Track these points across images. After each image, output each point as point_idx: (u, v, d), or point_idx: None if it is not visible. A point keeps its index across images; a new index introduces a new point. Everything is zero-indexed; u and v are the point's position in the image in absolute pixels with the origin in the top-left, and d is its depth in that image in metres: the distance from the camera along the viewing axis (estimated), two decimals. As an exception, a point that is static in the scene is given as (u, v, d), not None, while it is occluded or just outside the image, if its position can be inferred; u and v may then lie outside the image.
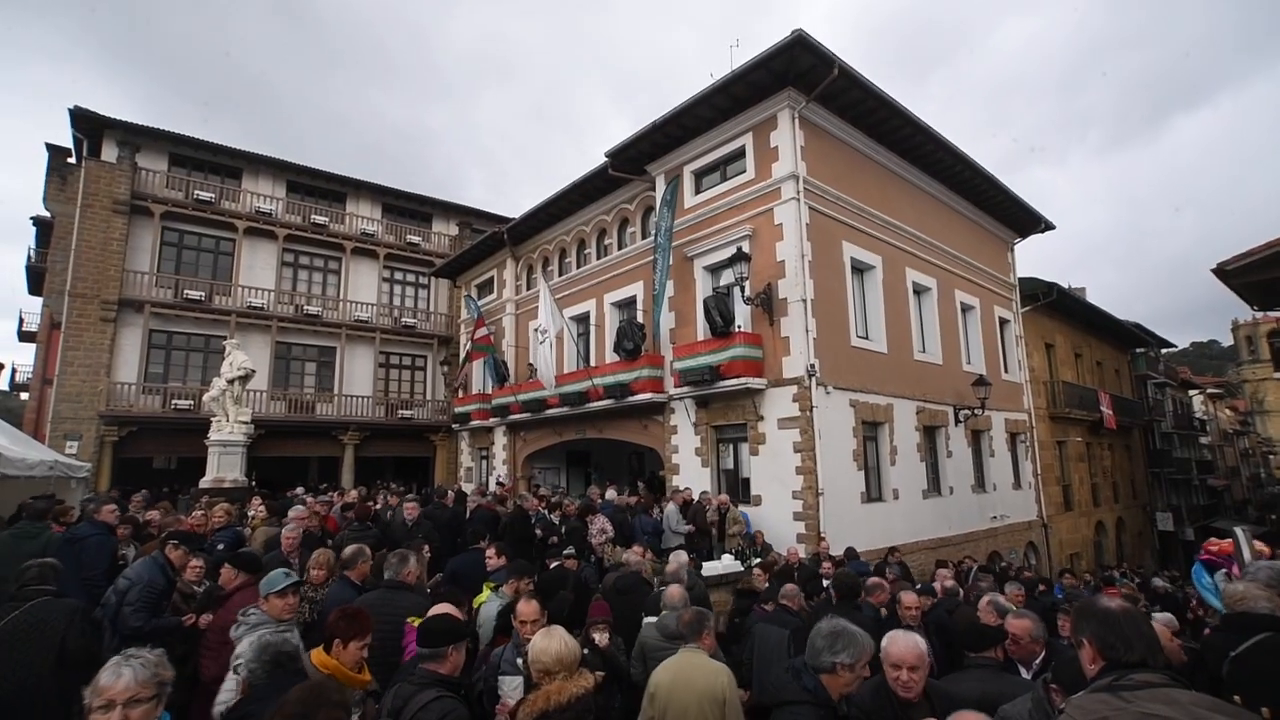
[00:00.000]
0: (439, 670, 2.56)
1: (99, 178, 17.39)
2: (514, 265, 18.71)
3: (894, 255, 12.96)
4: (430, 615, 2.91)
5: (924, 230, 13.89)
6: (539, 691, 2.61)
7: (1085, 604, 1.98)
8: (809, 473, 10.25)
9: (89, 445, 16.22)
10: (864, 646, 2.52)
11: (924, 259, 13.82)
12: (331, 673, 2.57)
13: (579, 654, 2.82)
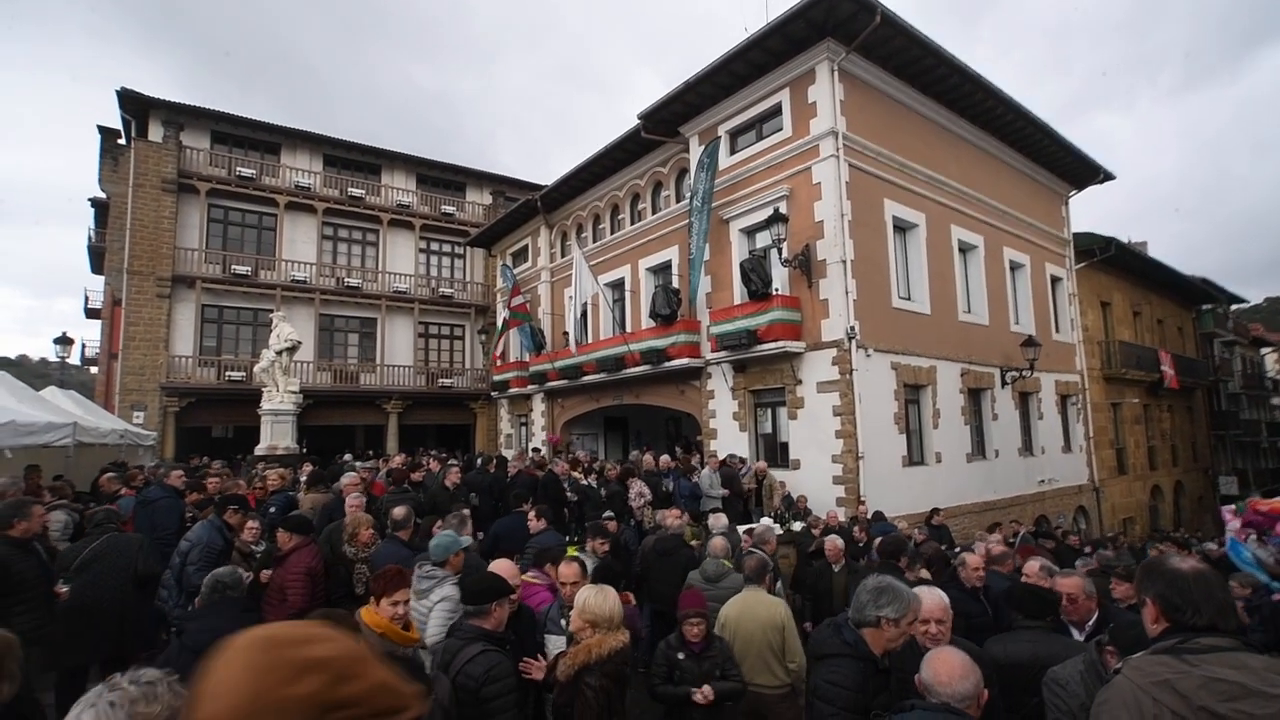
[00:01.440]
0: (483, 625, 2.64)
1: (147, 157, 17.94)
2: (548, 233, 18.69)
3: (938, 213, 12.44)
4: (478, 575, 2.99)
5: (971, 185, 13.26)
6: (580, 645, 2.68)
7: (1152, 563, 1.89)
8: (848, 436, 10.13)
9: (153, 415, 17.11)
10: (909, 602, 2.51)
11: (970, 215, 13.24)
12: (382, 631, 2.66)
13: (622, 612, 2.90)
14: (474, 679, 2.41)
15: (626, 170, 15.49)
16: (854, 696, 2.37)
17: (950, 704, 1.92)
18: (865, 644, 2.49)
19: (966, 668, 1.99)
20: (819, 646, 2.59)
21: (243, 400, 16.47)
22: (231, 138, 20.27)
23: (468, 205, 23.95)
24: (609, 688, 2.69)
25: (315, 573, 4.43)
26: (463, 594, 2.72)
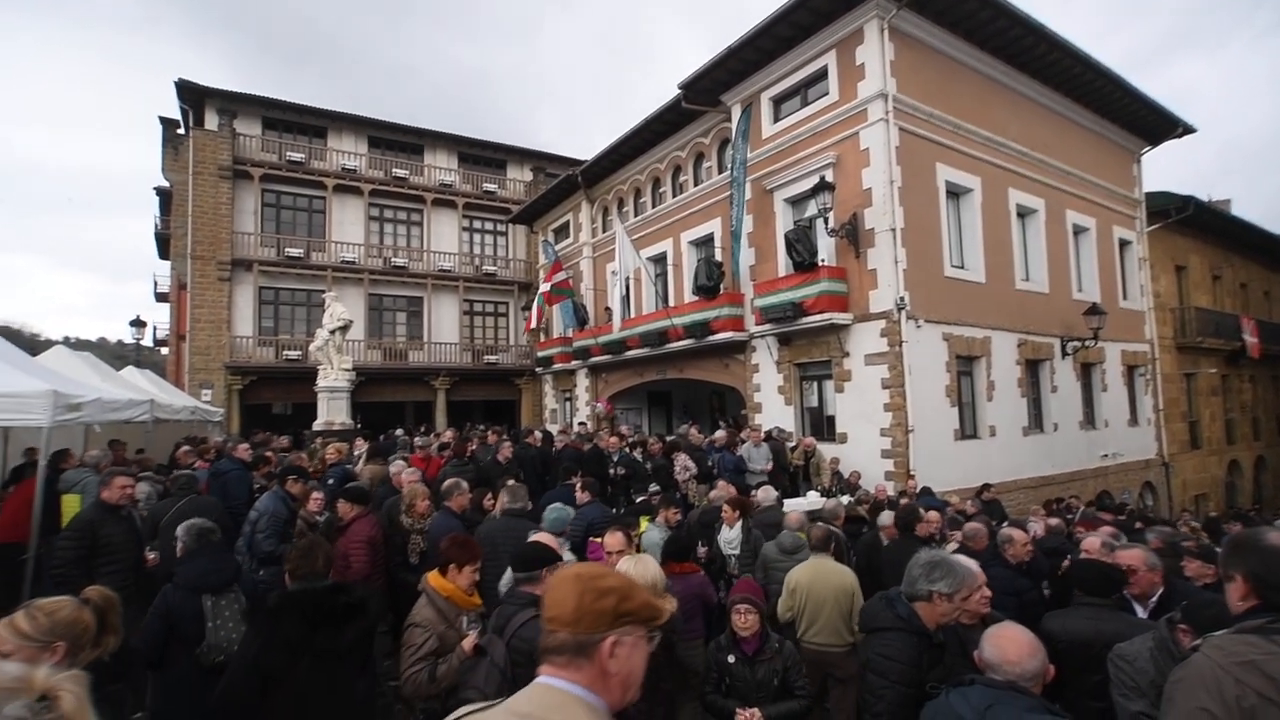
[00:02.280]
0: (536, 591, 2.71)
1: (204, 145, 18.63)
2: (589, 208, 18.65)
3: (995, 176, 11.83)
4: (527, 542, 3.07)
5: (1031, 145, 12.54)
6: None
7: (1243, 537, 1.78)
8: (898, 409, 9.91)
9: (219, 393, 18.04)
10: (963, 577, 2.45)
11: (1030, 178, 12.54)
12: (448, 595, 2.79)
13: (663, 581, 2.94)
14: (528, 642, 2.49)
15: (667, 142, 15.25)
16: (907, 670, 2.34)
17: (1017, 683, 1.87)
18: (918, 618, 2.45)
19: (1035, 645, 1.93)
20: (871, 619, 2.57)
21: (300, 378, 17.17)
22: (281, 123, 20.81)
23: (509, 182, 24.08)
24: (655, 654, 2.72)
25: (375, 541, 4.63)
26: (514, 562, 2.79)
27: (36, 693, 1.18)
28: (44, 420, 5.66)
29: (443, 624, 2.76)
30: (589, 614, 1.17)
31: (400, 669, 2.72)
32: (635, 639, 1.21)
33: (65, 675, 1.23)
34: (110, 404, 7.37)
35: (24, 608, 1.68)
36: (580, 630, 1.17)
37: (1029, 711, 1.78)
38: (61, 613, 1.68)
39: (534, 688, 1.19)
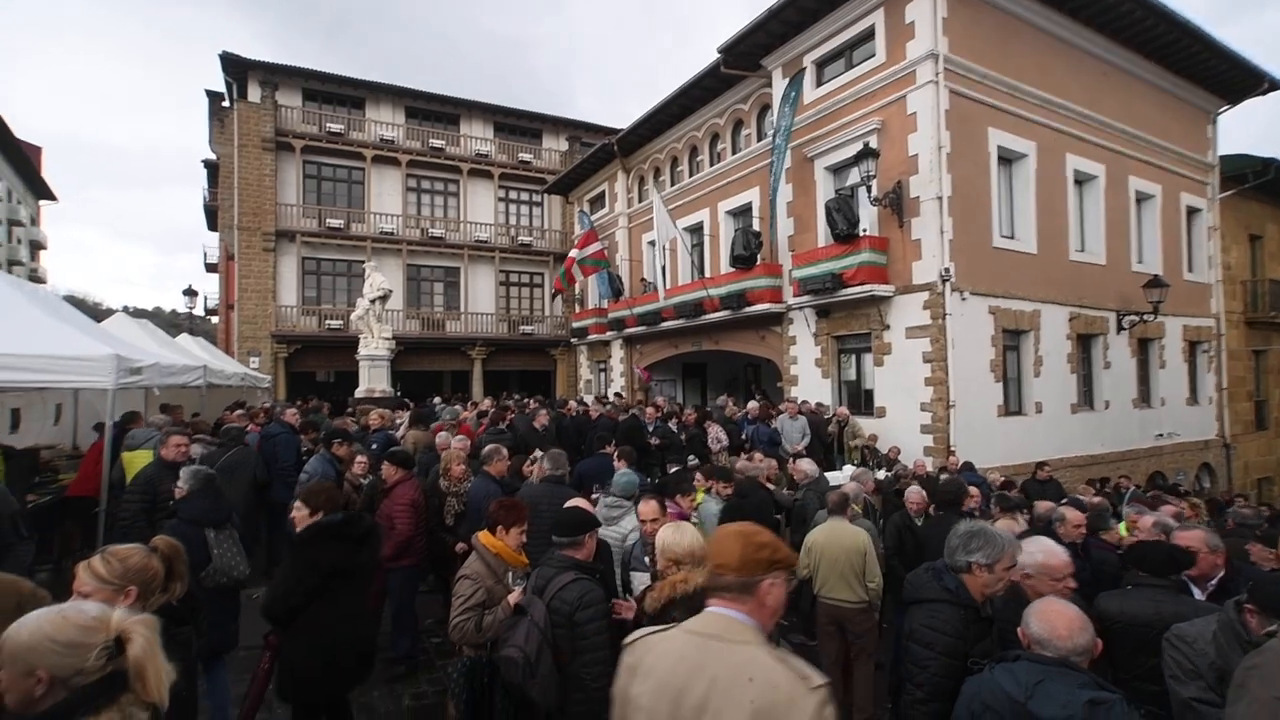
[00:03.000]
0: (575, 555, 2.75)
1: (248, 118, 18.97)
2: (624, 177, 18.44)
3: (1051, 140, 11.23)
4: (565, 507, 3.11)
5: (1094, 107, 11.82)
6: (665, 580, 2.73)
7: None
8: (939, 384, 9.67)
9: (266, 361, 18.68)
10: (1002, 547, 2.39)
11: (1090, 142, 11.86)
12: (497, 552, 2.93)
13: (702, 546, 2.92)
14: (568, 604, 2.53)
15: (705, 109, 14.90)
16: (953, 643, 2.30)
17: (1069, 658, 1.82)
18: (966, 590, 2.40)
19: (1083, 619, 1.88)
20: (916, 590, 2.52)
21: (341, 347, 17.63)
22: (320, 94, 21.01)
23: (544, 152, 23.95)
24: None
25: (417, 504, 4.76)
26: (556, 527, 2.83)
27: (112, 633, 1.29)
28: (108, 383, 5.94)
29: (491, 578, 2.89)
30: (750, 562, 1.49)
31: (450, 617, 2.85)
32: (783, 581, 1.54)
33: (138, 618, 1.34)
34: (167, 369, 7.70)
35: (99, 553, 1.79)
36: (744, 573, 1.49)
37: (1082, 688, 1.73)
38: (133, 559, 1.78)
39: (707, 614, 1.52)
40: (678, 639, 1.51)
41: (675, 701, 1.41)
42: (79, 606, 1.36)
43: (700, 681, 1.39)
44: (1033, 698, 1.76)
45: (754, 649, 1.41)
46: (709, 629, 1.48)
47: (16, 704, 1.23)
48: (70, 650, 1.23)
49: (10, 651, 1.22)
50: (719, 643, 1.44)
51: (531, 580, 2.80)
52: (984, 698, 1.90)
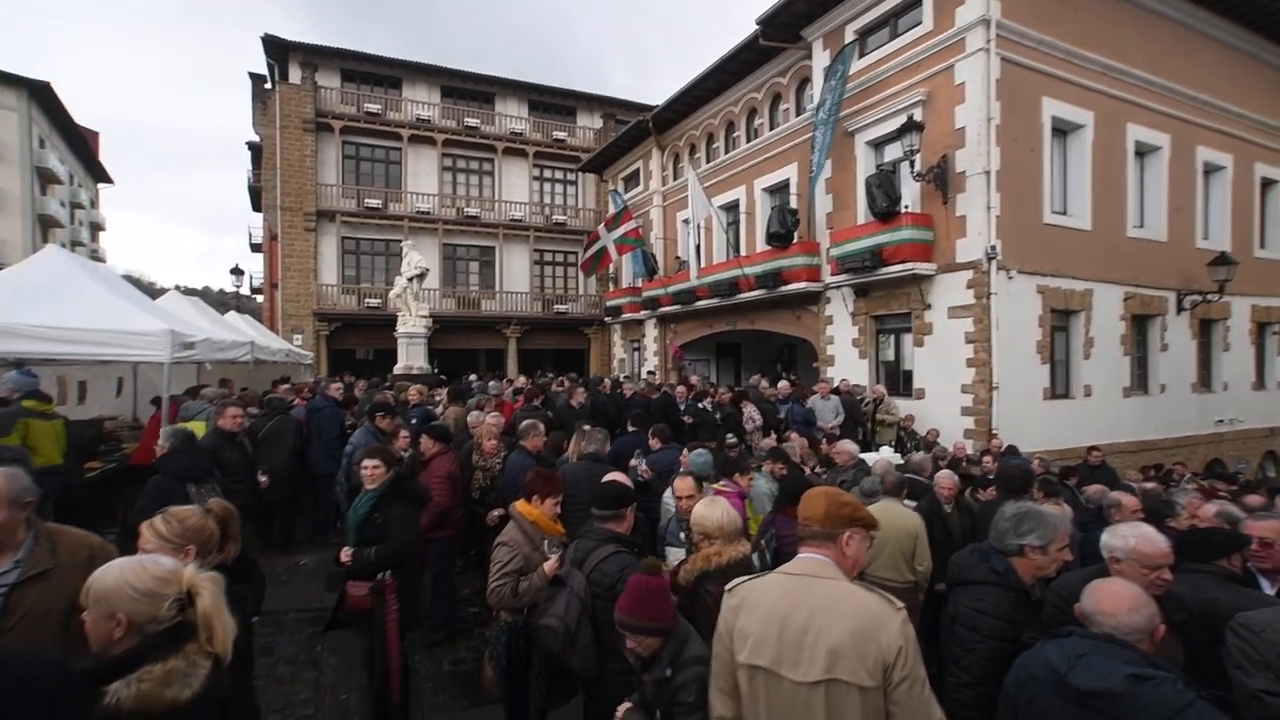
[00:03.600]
0: (615, 529, 2.77)
1: (289, 99, 19.32)
2: (659, 155, 18.23)
3: (1112, 109, 10.63)
4: (603, 482, 3.13)
5: (1159, 72, 11.11)
6: (699, 553, 2.74)
7: None
8: (982, 365, 9.40)
9: (309, 338, 19.24)
10: (1055, 528, 2.31)
11: (1155, 110, 11.18)
12: (534, 520, 3.00)
13: (740, 524, 2.91)
14: (609, 576, 2.56)
15: (742, 84, 14.56)
16: (1001, 626, 2.25)
17: (1114, 635, 1.75)
18: (1015, 573, 2.33)
19: (1136, 600, 1.80)
20: (962, 572, 2.46)
21: (380, 325, 18.03)
22: (358, 74, 21.24)
23: (579, 130, 23.82)
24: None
25: (454, 476, 4.87)
26: (596, 500, 2.86)
27: (183, 586, 1.40)
28: (164, 356, 6.20)
29: (528, 546, 2.95)
30: (832, 517, 1.81)
31: (488, 582, 2.92)
32: (863, 537, 1.83)
33: (206, 575, 1.46)
34: (218, 344, 7.99)
35: (161, 513, 1.88)
36: (827, 525, 1.81)
37: (1127, 663, 1.67)
38: (190, 520, 1.88)
39: (800, 558, 1.84)
40: (776, 579, 1.84)
41: (781, 626, 1.71)
42: (156, 559, 1.46)
43: (802, 610, 1.70)
44: (1073, 670, 1.72)
45: (842, 583, 1.74)
46: (802, 570, 1.80)
47: (97, 645, 1.33)
48: (147, 598, 1.33)
49: (95, 595, 1.32)
50: (812, 579, 1.76)
51: (570, 552, 2.83)
52: (1030, 668, 1.88)
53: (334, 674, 4.28)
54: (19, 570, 1.71)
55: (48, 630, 1.66)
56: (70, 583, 1.58)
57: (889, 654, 1.60)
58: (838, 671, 1.62)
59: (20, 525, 1.75)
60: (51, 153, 30.12)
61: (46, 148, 29.72)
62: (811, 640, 1.66)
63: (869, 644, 1.62)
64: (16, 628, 1.63)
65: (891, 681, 1.61)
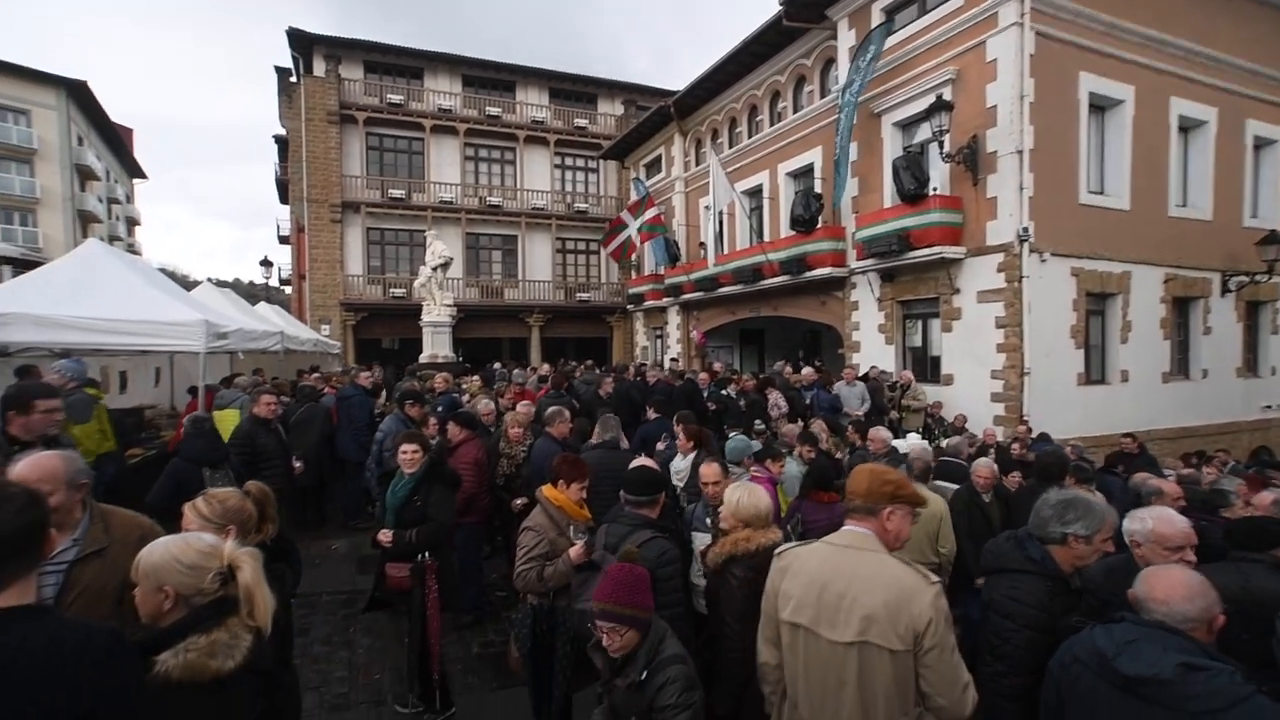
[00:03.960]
0: (649, 514, 2.77)
1: (314, 92, 19.53)
2: (681, 141, 18.06)
3: (1154, 83, 10.22)
4: (634, 467, 3.13)
5: (1207, 42, 10.63)
6: (728, 537, 2.74)
7: None
8: (1012, 350, 9.20)
9: (336, 328, 19.57)
10: (1102, 518, 2.24)
11: (1201, 82, 10.72)
12: (560, 505, 3.01)
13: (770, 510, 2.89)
14: (648, 561, 2.56)
15: (765, 66, 14.32)
16: (1037, 615, 2.19)
17: (1165, 622, 1.70)
18: (1053, 561, 2.27)
19: (1193, 588, 1.74)
20: (998, 559, 2.41)
21: (405, 314, 18.21)
22: (380, 66, 21.37)
23: (600, 117, 23.70)
24: (754, 580, 2.73)
25: (480, 462, 4.92)
26: (628, 485, 2.86)
27: (225, 561, 1.46)
28: (199, 346, 6.36)
29: (554, 530, 2.96)
30: (874, 493, 1.92)
31: (515, 566, 2.96)
32: (904, 513, 1.94)
33: (245, 550, 1.52)
34: (250, 334, 8.16)
35: (202, 495, 1.94)
36: (868, 500, 1.92)
37: (1179, 652, 1.62)
38: (230, 501, 1.95)
39: (843, 530, 1.97)
40: (820, 548, 1.99)
41: (821, 591, 1.87)
42: (199, 535, 1.54)
43: (841, 578, 1.86)
44: (1121, 655, 1.69)
45: (882, 555, 1.87)
46: (845, 541, 1.94)
47: (148, 617, 1.42)
48: (192, 571, 1.41)
49: (144, 570, 1.40)
50: (853, 550, 1.90)
51: (602, 537, 2.84)
52: (1075, 650, 1.86)
53: (367, 654, 4.38)
54: (77, 548, 1.79)
55: (104, 606, 1.73)
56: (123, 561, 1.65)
57: (919, 623, 1.73)
58: (870, 635, 1.77)
59: (76, 506, 1.83)
60: (89, 150, 30.97)
61: (84, 145, 30.56)
62: (847, 606, 1.81)
63: (900, 613, 1.75)
64: (76, 602, 1.72)
65: (922, 647, 1.74)
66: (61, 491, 1.74)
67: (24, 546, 1.16)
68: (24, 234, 27.11)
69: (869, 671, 1.78)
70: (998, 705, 2.22)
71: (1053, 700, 1.92)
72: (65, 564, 1.76)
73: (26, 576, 1.17)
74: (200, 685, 1.30)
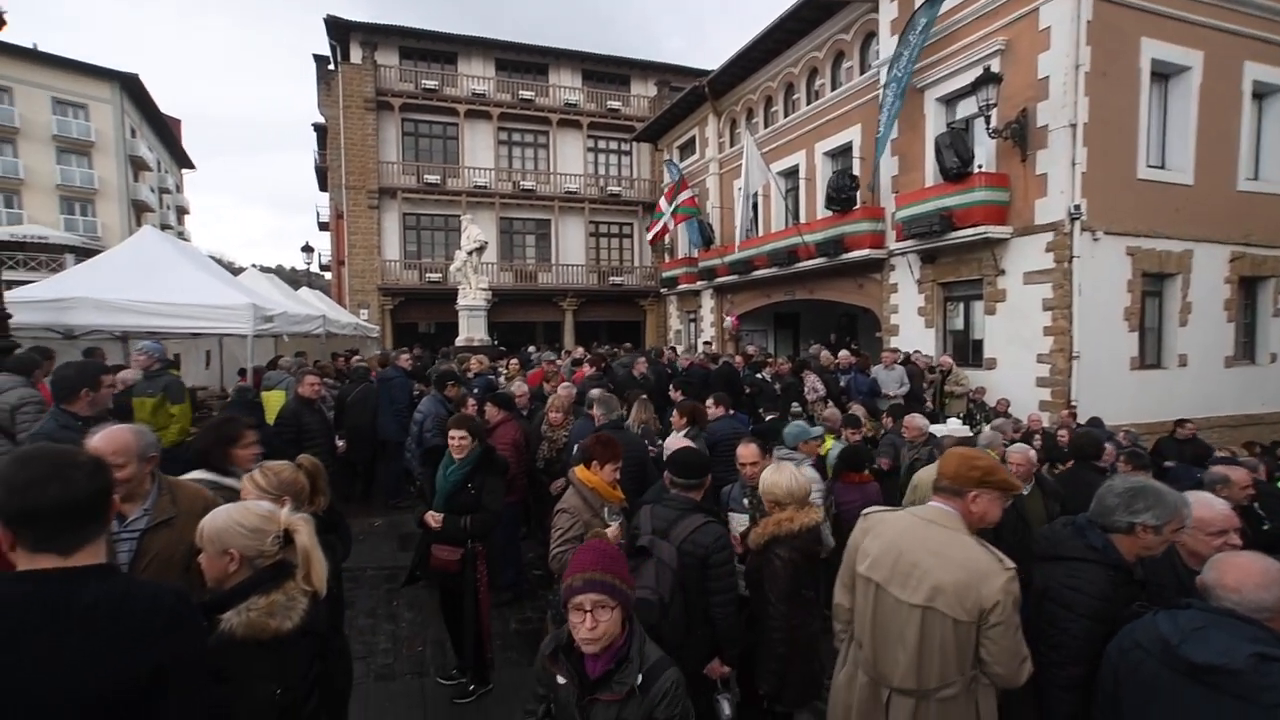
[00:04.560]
0: (695, 497, 2.75)
1: (351, 79, 19.82)
2: (715, 122, 17.79)
3: (1225, 47, 9.59)
4: (680, 448, 3.11)
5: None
6: (769, 518, 2.71)
7: None
8: (1061, 334, 8.88)
9: (375, 312, 20.01)
10: (1174, 508, 2.12)
11: (1278, 44, 10.02)
12: (593, 486, 2.97)
13: (809, 489, 2.85)
14: (703, 546, 2.55)
15: (802, 42, 13.96)
16: (1098, 605, 2.09)
17: (1236, 610, 1.62)
18: (1115, 550, 2.17)
19: (1269, 575, 1.65)
20: (1053, 546, 2.31)
21: (440, 299, 18.48)
22: (415, 52, 21.53)
23: (633, 99, 23.51)
24: (798, 561, 2.72)
25: (518, 443, 4.97)
26: (675, 467, 2.84)
27: (282, 526, 1.55)
28: (248, 329, 6.57)
29: (588, 512, 2.92)
30: (961, 476, 2.03)
31: (550, 548, 2.97)
32: (992, 497, 2.04)
33: (300, 516, 1.60)
34: (293, 317, 8.41)
35: (257, 467, 2.05)
36: (955, 483, 2.04)
37: (1252, 641, 1.54)
38: (284, 473, 2.03)
39: (929, 506, 2.10)
40: (905, 517, 2.13)
41: (897, 557, 2.03)
42: (257, 503, 1.65)
43: (917, 548, 2.00)
44: (1187, 641, 1.62)
45: (961, 534, 1.99)
46: (928, 515, 2.08)
47: (213, 581, 1.51)
48: (254, 535, 1.50)
49: (209, 535, 1.50)
50: (935, 525, 2.03)
51: (648, 521, 2.81)
52: (1136, 635, 1.79)
53: (410, 627, 4.51)
54: (148, 517, 1.91)
55: (173, 572, 1.84)
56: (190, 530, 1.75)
57: (987, 603, 1.85)
58: (936, 603, 1.91)
59: (146, 478, 1.94)
60: (141, 141, 32.14)
61: (137, 137, 31.71)
62: (919, 575, 1.96)
63: (969, 592, 1.87)
64: (148, 568, 1.83)
65: (987, 622, 1.87)
66: (133, 464, 1.83)
67: (95, 511, 1.22)
68: (84, 224, 28.40)
69: (931, 632, 1.93)
70: (1053, 695, 2.15)
71: (1109, 686, 1.86)
72: (138, 532, 1.88)
73: (97, 539, 1.24)
74: (261, 643, 1.40)
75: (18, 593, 1.12)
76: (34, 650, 1.08)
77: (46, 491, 1.15)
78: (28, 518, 1.15)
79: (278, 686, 1.43)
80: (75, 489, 1.18)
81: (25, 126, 26.79)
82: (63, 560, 1.17)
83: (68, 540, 1.18)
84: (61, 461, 1.21)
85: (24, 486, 1.15)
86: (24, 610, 1.10)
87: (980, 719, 1.98)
